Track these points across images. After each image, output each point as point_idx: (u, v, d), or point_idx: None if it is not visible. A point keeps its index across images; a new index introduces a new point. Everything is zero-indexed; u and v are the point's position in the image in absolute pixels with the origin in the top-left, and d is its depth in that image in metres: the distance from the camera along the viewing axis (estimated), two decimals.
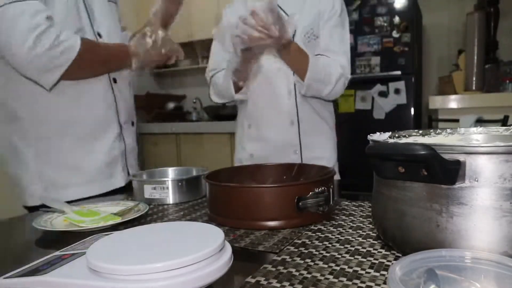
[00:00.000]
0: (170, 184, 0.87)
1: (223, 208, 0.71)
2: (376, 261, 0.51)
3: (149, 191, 0.87)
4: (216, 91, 1.37)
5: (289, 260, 0.53)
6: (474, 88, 2.44)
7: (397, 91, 2.62)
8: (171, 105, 3.87)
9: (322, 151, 1.36)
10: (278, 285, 0.46)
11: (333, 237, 0.61)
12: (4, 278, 0.46)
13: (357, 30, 2.70)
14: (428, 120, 2.47)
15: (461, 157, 0.45)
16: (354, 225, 0.67)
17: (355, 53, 2.66)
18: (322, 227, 0.66)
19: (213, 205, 0.74)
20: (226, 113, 3.14)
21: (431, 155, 0.44)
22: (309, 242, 0.59)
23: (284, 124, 1.31)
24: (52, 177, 1.02)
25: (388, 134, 0.63)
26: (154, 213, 0.81)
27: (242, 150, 1.40)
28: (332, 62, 1.26)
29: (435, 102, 2.46)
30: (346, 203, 0.81)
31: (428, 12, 3.03)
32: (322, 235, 0.62)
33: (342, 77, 1.26)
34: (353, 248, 0.56)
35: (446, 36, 3.07)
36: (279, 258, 0.54)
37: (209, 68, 1.41)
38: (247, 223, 0.68)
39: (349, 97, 2.62)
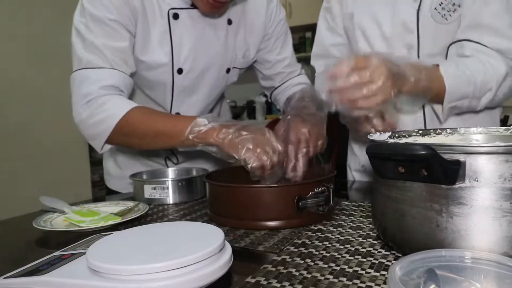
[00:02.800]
0: (170, 184, 0.87)
1: (223, 208, 0.71)
2: (376, 261, 0.51)
3: (149, 191, 0.87)
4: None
5: (289, 260, 0.53)
6: None
7: None
8: None
9: None
10: (278, 285, 0.46)
11: (333, 237, 0.61)
12: (4, 278, 0.46)
13: None
14: None
15: (461, 157, 0.45)
16: (354, 225, 0.67)
17: None
18: (322, 227, 0.66)
19: (213, 205, 0.74)
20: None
21: (431, 155, 0.44)
22: (309, 242, 0.59)
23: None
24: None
25: (388, 134, 0.63)
26: (154, 213, 0.81)
27: (353, 157, 1.17)
28: (487, 59, 0.83)
29: None
30: (346, 203, 0.81)
31: None
32: (322, 235, 0.62)
33: (510, 76, 0.84)
34: (353, 248, 0.56)
35: None
36: (279, 258, 0.54)
37: (313, 53, 1.18)
38: (247, 223, 0.68)
39: None
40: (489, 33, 0.84)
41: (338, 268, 0.50)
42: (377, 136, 0.61)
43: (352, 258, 0.53)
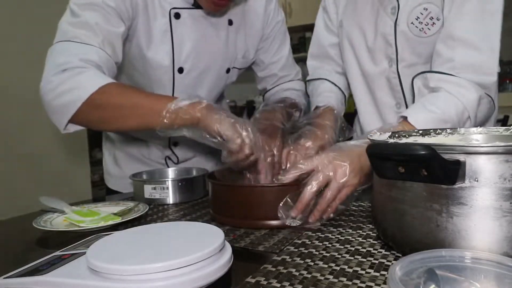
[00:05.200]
0: (170, 184, 0.87)
1: (225, 207, 0.71)
2: (376, 261, 0.51)
3: (149, 191, 0.87)
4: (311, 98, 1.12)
5: (289, 260, 0.53)
6: None
7: None
8: None
9: None
10: (278, 285, 0.46)
11: (333, 237, 0.61)
12: (4, 278, 0.46)
13: None
14: None
15: (461, 157, 0.45)
16: (354, 225, 0.67)
17: None
18: (322, 227, 0.66)
19: (215, 204, 0.75)
20: None
21: (431, 155, 0.44)
22: (309, 242, 0.59)
23: None
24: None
25: (388, 134, 0.63)
26: (154, 213, 0.81)
27: None
28: (455, 89, 0.78)
29: None
30: None
31: None
32: (322, 235, 0.62)
33: (483, 99, 0.80)
34: (353, 248, 0.56)
35: None
36: (279, 258, 0.54)
37: (309, 53, 1.16)
38: (248, 222, 0.68)
39: (349, 97, 2.60)
40: (462, 46, 0.81)
41: (338, 268, 0.50)
42: (377, 136, 0.61)
43: (352, 258, 0.53)
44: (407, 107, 0.95)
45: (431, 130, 0.66)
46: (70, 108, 0.77)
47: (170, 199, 0.88)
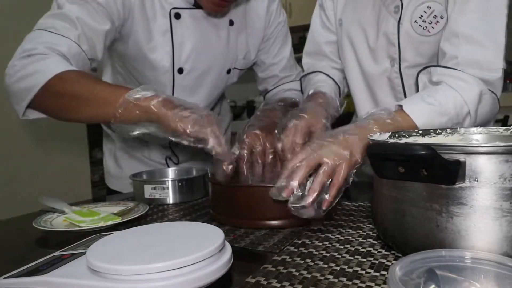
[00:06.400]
0: (170, 184, 0.87)
1: (225, 207, 0.71)
2: (376, 261, 0.51)
3: (149, 191, 0.87)
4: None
5: (289, 260, 0.53)
6: None
7: None
8: None
9: None
10: (278, 285, 0.46)
11: (333, 237, 0.61)
12: (4, 278, 0.46)
13: None
14: None
15: (461, 157, 0.45)
16: (354, 225, 0.67)
17: None
18: (322, 227, 0.66)
19: (215, 204, 0.75)
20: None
21: (431, 155, 0.44)
22: (309, 242, 0.59)
23: None
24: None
25: (388, 134, 0.63)
26: (154, 213, 0.81)
27: None
28: (455, 83, 0.78)
29: None
30: (346, 203, 0.81)
31: None
32: (322, 235, 0.62)
33: (485, 95, 0.78)
34: (353, 248, 0.56)
35: None
36: (279, 258, 0.54)
37: (305, 51, 1.14)
38: (248, 222, 0.68)
39: (349, 97, 2.59)
40: (465, 43, 0.80)
41: (338, 268, 0.50)
42: (377, 136, 0.61)
43: (352, 258, 0.53)
44: None
45: (431, 130, 0.66)
46: (28, 93, 0.75)
47: (170, 199, 0.88)
